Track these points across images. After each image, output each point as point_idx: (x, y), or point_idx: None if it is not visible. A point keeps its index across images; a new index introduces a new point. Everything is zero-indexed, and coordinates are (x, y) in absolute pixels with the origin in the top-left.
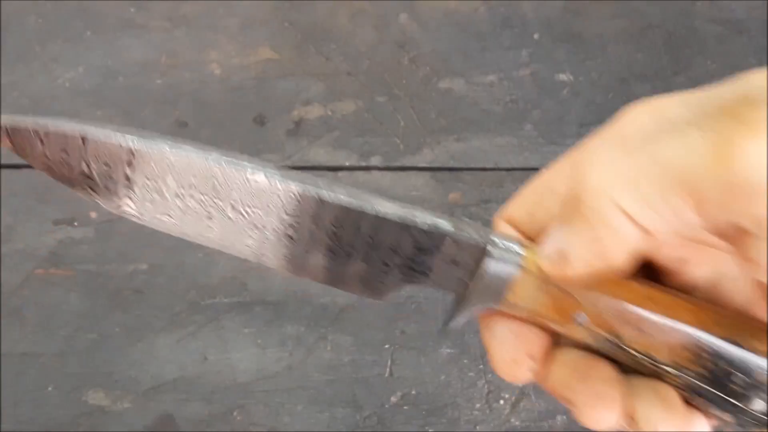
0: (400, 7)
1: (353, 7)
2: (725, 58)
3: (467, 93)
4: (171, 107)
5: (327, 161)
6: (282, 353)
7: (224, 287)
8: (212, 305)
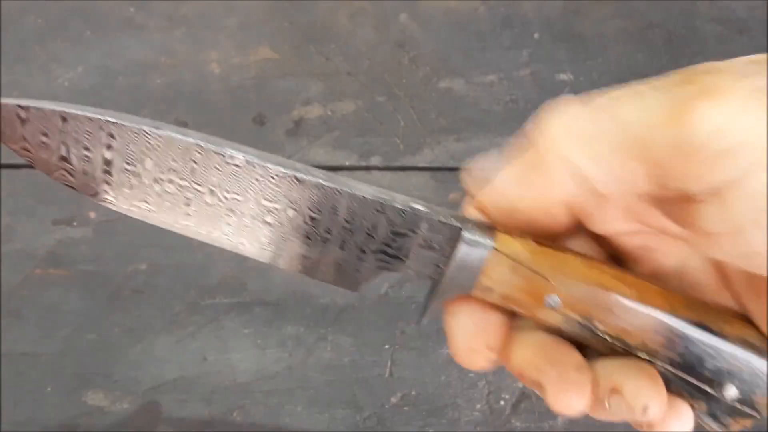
0: (400, 7)
1: (353, 7)
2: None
3: (467, 93)
4: (170, 107)
5: (327, 161)
6: (282, 354)
7: (224, 287)
8: (212, 305)
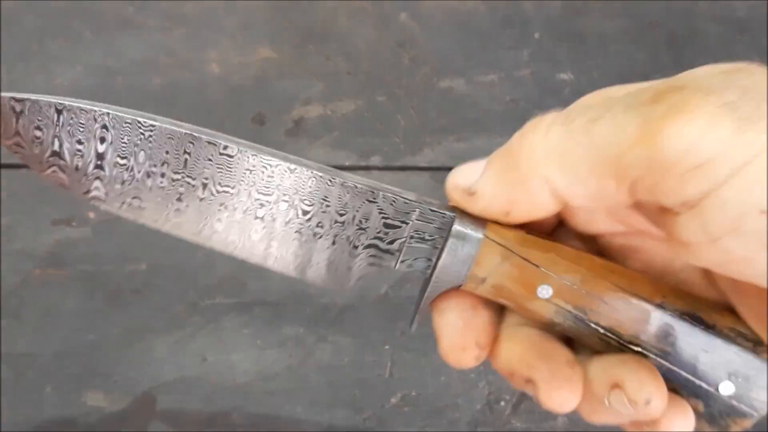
0: (401, 7)
1: (353, 7)
2: (727, 58)
3: (468, 92)
4: (170, 107)
5: (327, 161)
6: (282, 354)
7: (223, 288)
8: (211, 306)
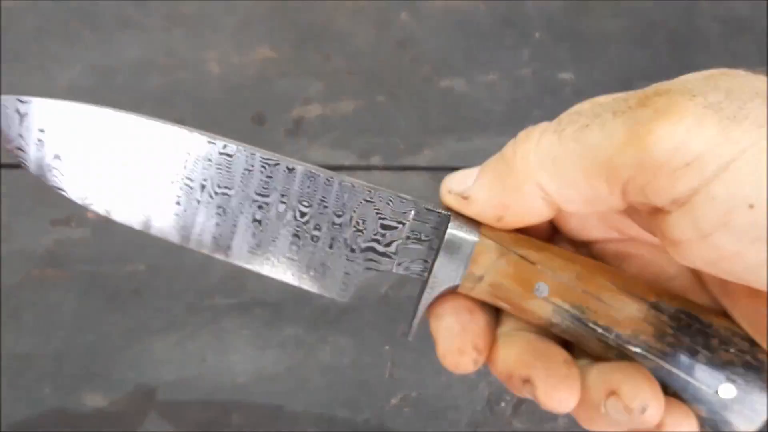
0: (401, 6)
1: (353, 6)
2: (728, 57)
3: (468, 92)
4: (169, 107)
5: (326, 161)
6: (281, 354)
7: (223, 288)
8: (211, 306)
